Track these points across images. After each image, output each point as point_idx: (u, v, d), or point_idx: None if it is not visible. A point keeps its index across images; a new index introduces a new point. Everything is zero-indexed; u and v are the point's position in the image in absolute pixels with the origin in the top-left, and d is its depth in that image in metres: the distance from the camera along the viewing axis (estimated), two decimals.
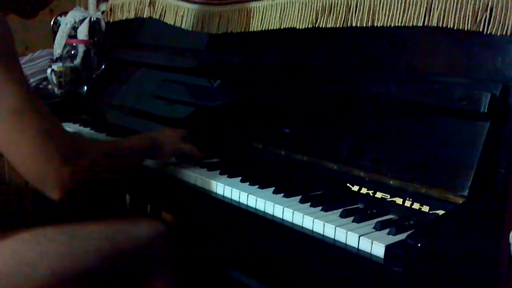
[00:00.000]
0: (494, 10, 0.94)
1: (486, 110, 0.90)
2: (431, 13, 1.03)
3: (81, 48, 1.91)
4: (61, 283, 0.94)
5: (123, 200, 1.89)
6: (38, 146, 0.86)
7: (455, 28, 0.99)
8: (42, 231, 0.99)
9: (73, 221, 1.04)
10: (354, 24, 1.15)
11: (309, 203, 0.96)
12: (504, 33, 0.93)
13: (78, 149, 0.91)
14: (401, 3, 1.08)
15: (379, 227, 0.85)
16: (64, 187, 0.88)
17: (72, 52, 1.91)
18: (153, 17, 1.72)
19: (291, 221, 0.93)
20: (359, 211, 0.94)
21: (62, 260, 0.95)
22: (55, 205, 1.02)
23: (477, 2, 0.97)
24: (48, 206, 1.09)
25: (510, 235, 0.86)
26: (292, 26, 1.27)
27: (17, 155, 0.88)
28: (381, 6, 1.11)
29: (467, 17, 0.98)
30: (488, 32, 0.95)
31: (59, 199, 0.89)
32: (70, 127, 1.60)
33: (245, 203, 1.01)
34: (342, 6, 1.18)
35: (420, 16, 1.04)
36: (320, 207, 0.94)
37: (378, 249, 0.79)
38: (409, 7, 1.06)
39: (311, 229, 0.89)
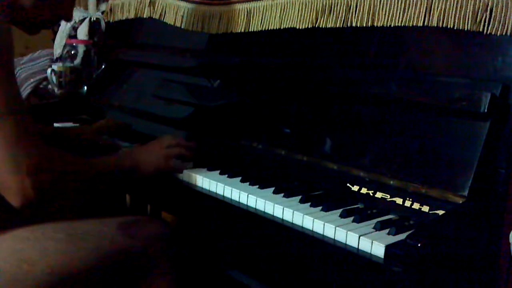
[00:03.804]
0: (494, 10, 0.94)
1: (486, 110, 0.90)
2: (431, 13, 1.03)
3: (81, 48, 1.91)
4: (60, 281, 0.94)
5: (123, 200, 1.89)
6: (7, 153, 0.87)
7: (455, 28, 0.99)
8: (41, 229, 0.99)
9: (72, 219, 1.04)
10: (354, 24, 1.15)
11: (309, 203, 0.96)
12: (504, 33, 0.93)
13: (47, 162, 0.91)
14: (401, 3, 1.08)
15: (379, 227, 0.85)
16: (26, 197, 0.89)
17: (72, 52, 1.91)
18: (153, 17, 1.72)
19: (291, 221, 0.93)
20: (359, 211, 0.94)
21: (61, 258, 0.95)
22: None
23: (477, 2, 0.97)
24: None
25: (510, 235, 0.86)
26: (292, 26, 1.27)
27: None
28: (381, 6, 1.10)
29: (467, 17, 0.98)
30: (488, 32, 0.95)
31: (19, 207, 0.90)
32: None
33: (245, 203, 1.01)
34: (342, 6, 1.18)
35: (420, 16, 1.04)
36: (320, 207, 0.94)
37: (378, 249, 0.79)
38: (409, 7, 1.06)
39: (311, 229, 0.89)
